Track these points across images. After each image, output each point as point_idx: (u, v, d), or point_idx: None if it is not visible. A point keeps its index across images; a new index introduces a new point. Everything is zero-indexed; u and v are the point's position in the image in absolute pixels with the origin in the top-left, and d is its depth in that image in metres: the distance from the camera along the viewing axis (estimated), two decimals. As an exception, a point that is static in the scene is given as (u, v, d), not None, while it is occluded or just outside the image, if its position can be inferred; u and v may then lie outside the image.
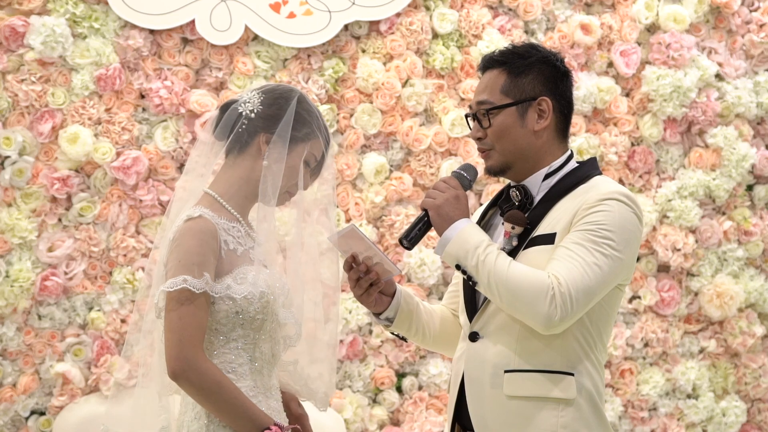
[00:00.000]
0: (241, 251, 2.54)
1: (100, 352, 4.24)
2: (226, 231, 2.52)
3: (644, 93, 4.75)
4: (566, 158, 2.63)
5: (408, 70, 4.55)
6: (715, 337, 4.85)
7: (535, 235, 2.53)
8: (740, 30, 4.89)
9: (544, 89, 2.60)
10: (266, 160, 2.55)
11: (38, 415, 4.26)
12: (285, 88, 2.67)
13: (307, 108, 2.62)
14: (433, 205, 2.53)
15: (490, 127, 2.59)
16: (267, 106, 2.60)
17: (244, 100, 2.62)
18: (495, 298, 2.47)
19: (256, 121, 2.59)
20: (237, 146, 2.59)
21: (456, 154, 4.60)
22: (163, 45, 4.39)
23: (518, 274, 2.43)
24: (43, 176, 4.23)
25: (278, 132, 2.56)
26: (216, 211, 2.54)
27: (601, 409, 2.55)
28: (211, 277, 2.45)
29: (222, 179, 2.60)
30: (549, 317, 2.40)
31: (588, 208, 2.48)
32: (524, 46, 2.67)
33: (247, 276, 2.50)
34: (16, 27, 4.21)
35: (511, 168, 2.61)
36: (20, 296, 4.17)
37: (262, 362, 2.55)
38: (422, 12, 4.59)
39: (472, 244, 2.46)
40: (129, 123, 4.31)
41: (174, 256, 2.47)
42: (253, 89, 2.66)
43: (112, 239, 4.28)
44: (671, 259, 4.73)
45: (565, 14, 4.73)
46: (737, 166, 4.79)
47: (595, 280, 2.43)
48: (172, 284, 2.43)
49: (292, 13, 4.47)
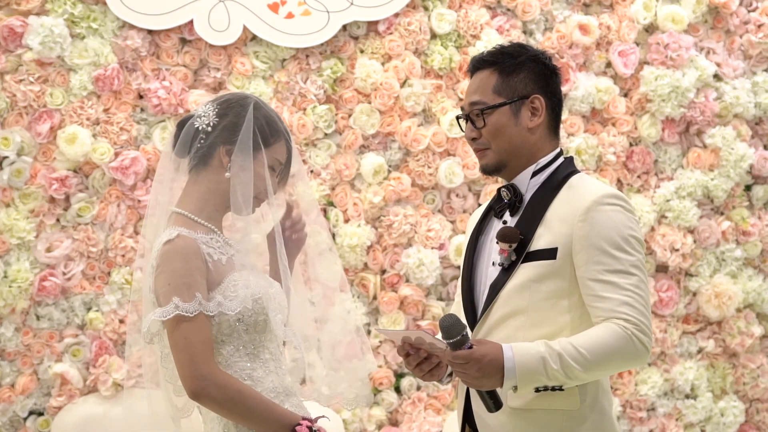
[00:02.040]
0: (225, 260, 2.53)
1: (99, 353, 4.24)
2: (206, 244, 2.51)
3: (642, 93, 4.75)
4: (554, 155, 2.65)
5: (406, 70, 4.55)
6: (713, 338, 4.85)
7: (534, 249, 2.53)
8: (738, 30, 4.89)
9: (535, 87, 2.63)
10: (229, 171, 2.54)
11: (37, 416, 4.25)
12: (239, 96, 2.65)
13: (265, 113, 2.60)
14: (479, 385, 2.44)
15: (485, 127, 2.61)
16: (222, 117, 2.58)
17: (199, 115, 2.60)
18: (596, 377, 2.49)
19: (213, 134, 2.57)
20: (199, 161, 2.58)
21: (454, 154, 4.60)
22: (162, 45, 4.38)
23: (595, 348, 2.41)
24: (41, 176, 4.23)
25: (239, 142, 2.54)
26: (190, 227, 2.53)
27: (609, 414, 2.56)
28: (203, 295, 2.45)
29: (188, 196, 2.59)
30: (642, 356, 2.46)
31: (584, 220, 2.49)
32: (512, 46, 2.69)
33: (238, 284, 2.50)
34: (15, 27, 4.21)
35: (506, 166, 2.63)
36: (18, 297, 4.17)
37: (274, 362, 2.56)
38: (420, 12, 4.59)
39: (534, 370, 2.40)
40: (127, 123, 4.31)
41: (161, 280, 2.46)
42: (207, 102, 2.65)
43: (111, 239, 4.28)
44: (669, 259, 4.73)
45: (564, 14, 4.73)
46: (735, 167, 4.79)
47: (645, 295, 2.48)
48: (163, 313, 2.43)
49: (291, 13, 4.47)
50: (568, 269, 2.50)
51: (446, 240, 4.56)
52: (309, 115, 4.46)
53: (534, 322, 2.50)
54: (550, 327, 2.51)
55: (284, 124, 2.66)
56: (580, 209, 2.51)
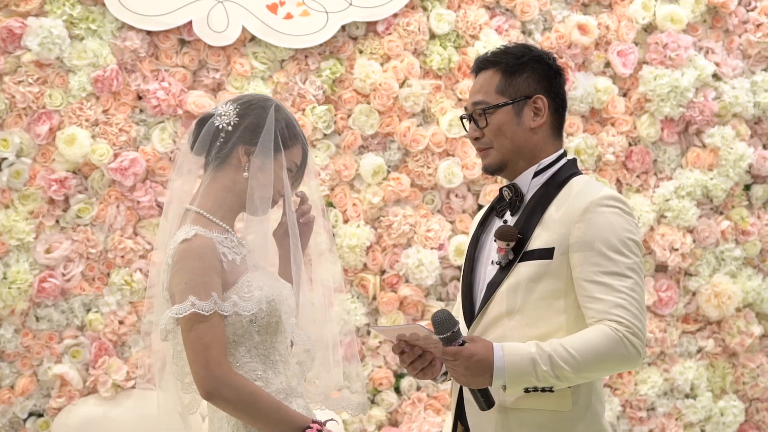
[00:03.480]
0: (239, 260, 2.54)
1: (98, 354, 4.24)
2: (221, 243, 2.52)
3: (641, 93, 4.75)
4: (557, 156, 2.65)
5: (405, 70, 4.55)
6: (713, 337, 4.85)
7: (531, 248, 2.53)
8: (737, 30, 4.90)
9: (538, 87, 2.63)
10: (248, 171, 2.55)
11: (36, 417, 4.25)
12: (260, 98, 2.66)
13: (285, 116, 2.61)
14: (468, 383, 2.44)
15: (487, 126, 2.61)
16: (243, 117, 2.58)
17: (219, 113, 2.60)
18: (587, 379, 2.47)
19: (234, 133, 2.57)
20: (217, 160, 2.58)
21: (453, 154, 4.60)
22: (161, 46, 4.38)
23: (585, 350, 2.40)
24: (40, 178, 4.23)
25: (260, 143, 2.55)
26: (206, 226, 2.53)
27: (600, 416, 2.55)
28: (218, 295, 2.46)
29: (205, 194, 2.59)
30: (633, 359, 2.43)
31: (582, 221, 2.49)
32: (517, 46, 2.69)
33: (252, 284, 2.51)
34: (13, 28, 4.21)
35: (508, 166, 2.63)
36: (18, 298, 4.17)
37: (282, 363, 2.57)
38: (419, 12, 4.59)
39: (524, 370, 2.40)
40: (126, 124, 4.31)
41: (177, 279, 2.47)
42: (228, 101, 2.65)
43: (110, 241, 4.28)
44: (669, 258, 4.73)
45: (562, 14, 4.73)
46: (735, 166, 4.80)
47: (640, 299, 2.46)
48: (180, 310, 2.44)
49: (290, 14, 4.47)
50: (565, 270, 2.50)
51: (446, 240, 4.56)
52: (308, 116, 4.46)
53: (529, 322, 2.50)
54: (545, 327, 2.50)
55: (300, 128, 2.67)
56: (578, 210, 2.50)
